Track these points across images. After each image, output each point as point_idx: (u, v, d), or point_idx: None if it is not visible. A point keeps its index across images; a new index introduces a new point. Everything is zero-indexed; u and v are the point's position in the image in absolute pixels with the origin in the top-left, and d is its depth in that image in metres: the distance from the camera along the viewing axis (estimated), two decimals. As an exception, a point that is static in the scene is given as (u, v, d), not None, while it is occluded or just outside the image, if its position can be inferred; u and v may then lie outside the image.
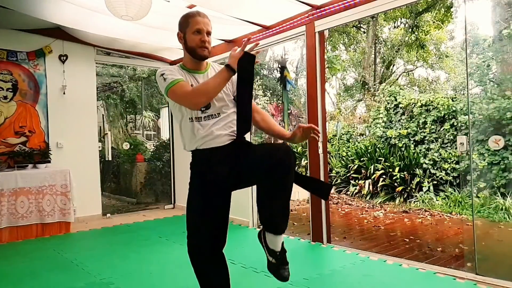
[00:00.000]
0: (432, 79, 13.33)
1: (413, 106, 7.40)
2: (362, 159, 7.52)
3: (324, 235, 3.75)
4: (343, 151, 8.31)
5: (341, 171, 7.88)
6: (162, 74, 1.72)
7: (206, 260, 1.83)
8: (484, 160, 5.79)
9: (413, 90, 12.40)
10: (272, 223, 1.66)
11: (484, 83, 6.36)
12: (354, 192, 7.33)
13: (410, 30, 11.38)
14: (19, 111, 4.75)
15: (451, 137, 6.72)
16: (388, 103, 7.90)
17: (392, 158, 7.13)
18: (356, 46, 13.26)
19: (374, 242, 4.20)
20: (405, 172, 6.73)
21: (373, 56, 11.99)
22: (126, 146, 7.58)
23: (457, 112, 6.69)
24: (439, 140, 6.89)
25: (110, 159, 7.24)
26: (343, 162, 7.96)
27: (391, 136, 7.56)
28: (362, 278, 2.84)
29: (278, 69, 10.26)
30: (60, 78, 5.03)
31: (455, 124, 6.70)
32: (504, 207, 5.22)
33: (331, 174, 7.94)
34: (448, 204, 5.94)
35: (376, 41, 12.11)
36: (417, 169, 6.75)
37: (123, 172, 7.75)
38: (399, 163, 6.90)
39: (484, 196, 5.63)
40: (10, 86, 4.70)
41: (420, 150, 7.03)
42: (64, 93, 5.03)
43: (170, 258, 3.44)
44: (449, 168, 6.52)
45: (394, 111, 7.76)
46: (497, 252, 3.90)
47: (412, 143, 7.24)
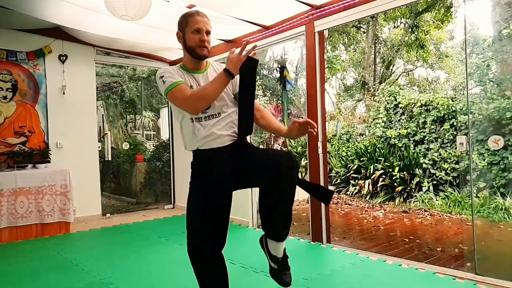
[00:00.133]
0: (432, 79, 13.34)
1: (413, 106, 7.40)
2: (361, 159, 7.52)
3: (324, 235, 3.75)
4: (343, 151, 8.31)
5: (341, 171, 7.88)
6: (162, 77, 1.72)
7: (206, 260, 1.83)
8: (483, 160, 5.79)
9: (413, 90, 12.40)
10: (274, 231, 1.66)
11: (484, 83, 6.35)
12: (354, 192, 7.33)
13: (410, 30, 11.38)
14: (19, 111, 4.75)
15: (451, 137, 6.72)
16: (388, 103, 7.90)
17: (391, 158, 7.14)
18: (356, 46, 13.25)
19: (374, 242, 4.21)
20: (404, 172, 6.73)
21: (373, 56, 11.99)
22: (126, 146, 7.58)
23: (456, 112, 6.70)
24: (439, 140, 6.89)
25: (110, 159, 7.24)
26: (343, 162, 7.96)
27: (390, 136, 7.56)
28: (362, 278, 2.84)
29: (278, 69, 10.25)
30: (59, 78, 5.03)
31: (454, 124, 6.70)
32: (503, 207, 5.22)
33: (331, 174, 7.94)
34: (448, 204, 5.94)
35: (376, 41, 12.11)
36: (416, 169, 6.75)
37: (122, 172, 7.74)
38: (399, 163, 6.90)
39: (483, 196, 5.63)
40: (10, 86, 4.70)
41: (419, 150, 7.04)
42: (63, 93, 5.03)
43: (170, 258, 3.44)
44: (448, 168, 6.52)
45: (394, 111, 7.77)
46: (496, 252, 3.91)
47: (412, 143, 7.24)
